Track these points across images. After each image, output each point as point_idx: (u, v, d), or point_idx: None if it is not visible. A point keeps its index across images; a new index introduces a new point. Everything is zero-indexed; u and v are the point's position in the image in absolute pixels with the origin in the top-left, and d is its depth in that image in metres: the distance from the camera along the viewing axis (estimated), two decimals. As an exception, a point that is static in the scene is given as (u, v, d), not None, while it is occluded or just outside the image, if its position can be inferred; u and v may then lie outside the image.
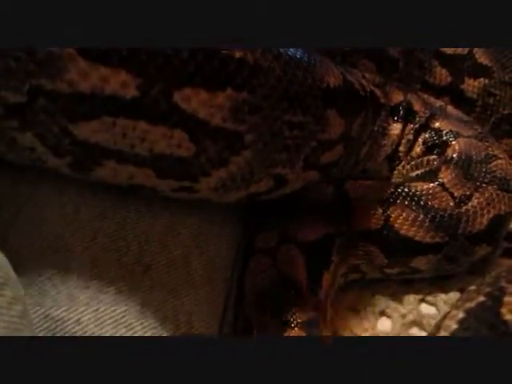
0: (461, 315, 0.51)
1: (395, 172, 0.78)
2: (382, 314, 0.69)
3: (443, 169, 0.72)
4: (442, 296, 0.71)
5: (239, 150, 0.53)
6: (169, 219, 0.59)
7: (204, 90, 0.48)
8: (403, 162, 0.78)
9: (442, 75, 0.86)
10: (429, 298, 0.71)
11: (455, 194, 0.69)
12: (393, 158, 0.78)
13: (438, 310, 0.70)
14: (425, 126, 0.78)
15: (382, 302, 0.70)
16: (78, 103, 0.46)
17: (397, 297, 0.71)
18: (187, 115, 0.49)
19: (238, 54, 0.49)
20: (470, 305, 0.52)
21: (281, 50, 0.53)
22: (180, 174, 0.54)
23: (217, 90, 0.49)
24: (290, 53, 0.54)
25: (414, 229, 0.67)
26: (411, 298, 0.70)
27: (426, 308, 0.70)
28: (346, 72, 0.64)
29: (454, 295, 0.70)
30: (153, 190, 0.55)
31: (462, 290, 0.70)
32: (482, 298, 0.52)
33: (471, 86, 0.86)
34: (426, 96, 0.82)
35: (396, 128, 0.77)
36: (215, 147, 0.52)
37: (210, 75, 0.49)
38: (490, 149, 0.75)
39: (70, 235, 0.54)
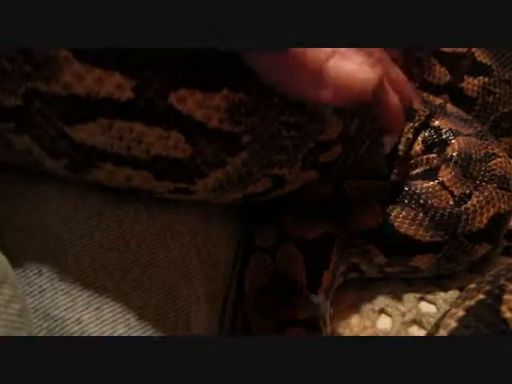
0: (460, 313, 0.51)
1: (394, 171, 0.78)
2: (382, 312, 0.69)
3: (443, 167, 0.72)
4: (442, 294, 0.70)
5: (236, 151, 0.53)
6: (167, 217, 0.59)
7: (200, 91, 0.48)
8: (403, 161, 0.78)
9: (442, 74, 0.86)
10: (428, 297, 0.70)
11: (455, 193, 0.69)
12: (392, 157, 0.78)
13: (437, 308, 0.69)
14: (424, 125, 0.78)
15: (382, 300, 0.70)
16: (73, 106, 0.47)
17: (396, 295, 0.71)
18: (183, 116, 0.49)
19: (233, 54, 0.49)
20: (470, 303, 0.51)
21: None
22: (176, 176, 0.54)
23: (213, 91, 0.49)
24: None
25: (413, 227, 0.67)
26: (411, 297, 0.70)
27: (425, 306, 0.70)
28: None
29: (453, 293, 0.70)
30: (150, 191, 0.56)
31: (461, 289, 0.69)
32: (481, 296, 0.51)
33: (471, 84, 0.86)
34: (425, 94, 0.82)
35: (395, 127, 0.77)
36: (212, 148, 0.52)
37: (206, 76, 0.48)
38: (489, 147, 0.75)
39: (68, 233, 0.54)
